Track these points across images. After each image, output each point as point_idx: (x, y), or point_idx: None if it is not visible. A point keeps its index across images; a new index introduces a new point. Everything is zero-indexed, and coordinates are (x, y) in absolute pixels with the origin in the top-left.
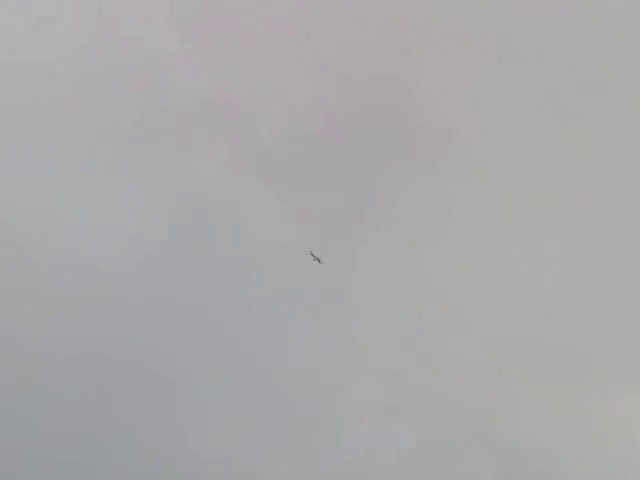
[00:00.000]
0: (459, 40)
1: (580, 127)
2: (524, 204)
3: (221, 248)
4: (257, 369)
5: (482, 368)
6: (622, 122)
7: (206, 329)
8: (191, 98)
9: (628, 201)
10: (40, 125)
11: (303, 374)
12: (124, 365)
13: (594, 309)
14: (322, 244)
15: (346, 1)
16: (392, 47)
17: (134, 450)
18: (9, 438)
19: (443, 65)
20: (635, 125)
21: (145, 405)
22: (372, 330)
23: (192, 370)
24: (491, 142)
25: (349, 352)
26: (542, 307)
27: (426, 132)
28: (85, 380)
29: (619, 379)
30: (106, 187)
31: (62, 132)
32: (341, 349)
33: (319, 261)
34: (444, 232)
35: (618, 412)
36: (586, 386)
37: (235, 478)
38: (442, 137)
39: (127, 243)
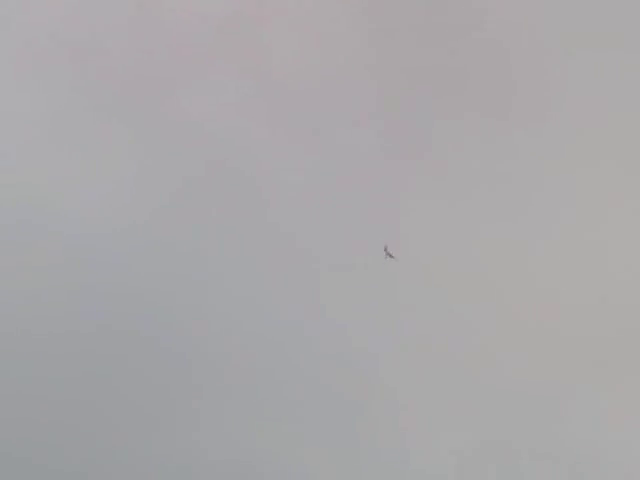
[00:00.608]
0: None
1: None
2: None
3: (232, 213)
4: (281, 362)
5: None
6: None
7: (220, 315)
8: (195, 26)
9: None
10: (12, 63)
11: (339, 371)
12: (115, 347)
13: None
14: (353, 210)
15: None
16: None
17: (133, 446)
18: None
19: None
20: None
21: (145, 396)
22: (421, 324)
23: (199, 361)
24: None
25: (391, 348)
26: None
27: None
28: (71, 361)
29: None
30: (91, 138)
31: (37, 69)
32: (384, 343)
33: (391, 256)
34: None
35: None
36: None
37: None
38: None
39: (118, 206)
